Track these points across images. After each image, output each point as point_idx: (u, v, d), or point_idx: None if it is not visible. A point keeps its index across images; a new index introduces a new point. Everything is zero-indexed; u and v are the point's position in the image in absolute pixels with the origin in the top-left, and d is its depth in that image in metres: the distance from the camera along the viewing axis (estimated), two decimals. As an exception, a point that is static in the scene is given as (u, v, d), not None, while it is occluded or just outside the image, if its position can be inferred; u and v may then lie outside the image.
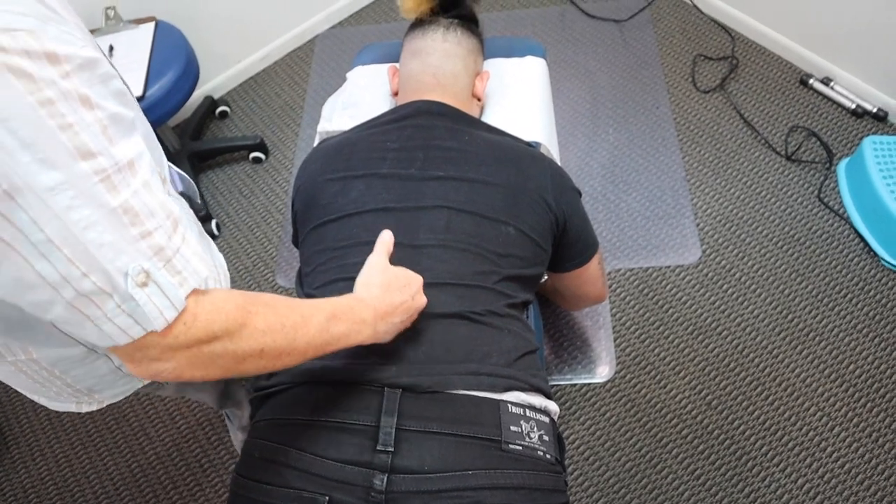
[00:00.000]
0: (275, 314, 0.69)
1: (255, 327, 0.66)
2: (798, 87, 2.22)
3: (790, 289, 1.82)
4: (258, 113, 2.42)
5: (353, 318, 0.79)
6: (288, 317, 0.70)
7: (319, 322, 0.74)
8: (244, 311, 0.65)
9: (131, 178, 0.56)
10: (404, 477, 0.84)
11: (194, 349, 0.62)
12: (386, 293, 0.86)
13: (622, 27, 2.45)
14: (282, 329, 0.69)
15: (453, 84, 1.25)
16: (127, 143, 0.57)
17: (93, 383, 0.88)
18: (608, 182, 2.07)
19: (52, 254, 0.52)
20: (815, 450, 1.59)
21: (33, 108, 0.48)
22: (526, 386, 0.95)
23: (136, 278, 0.56)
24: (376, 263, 0.91)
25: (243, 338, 0.65)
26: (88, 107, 0.52)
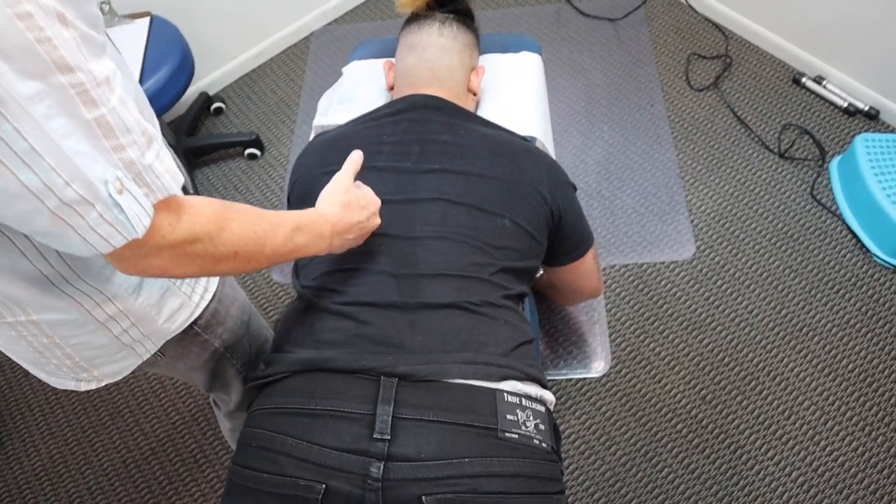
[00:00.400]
0: (248, 221, 0.75)
1: (232, 231, 0.72)
2: (791, 85, 2.23)
3: (783, 284, 1.83)
4: (253, 109, 2.42)
5: (314, 232, 0.85)
6: (259, 224, 0.76)
7: (285, 232, 0.80)
8: (221, 216, 0.71)
9: (109, 94, 0.58)
10: (401, 464, 0.84)
11: (178, 248, 0.67)
12: (345, 211, 0.91)
13: (617, 26, 2.46)
14: (254, 235, 0.75)
15: (449, 78, 1.26)
16: (102, 61, 0.59)
17: (92, 355, 0.88)
18: (603, 179, 2.08)
19: (35, 162, 0.54)
20: (809, 443, 1.60)
21: (11, 21, 0.50)
22: (522, 375, 0.96)
23: (115, 185, 0.59)
24: (341, 182, 0.95)
25: (221, 240, 0.71)
26: (64, 23, 0.54)
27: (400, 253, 1.02)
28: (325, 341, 0.96)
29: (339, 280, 1.02)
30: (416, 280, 0.99)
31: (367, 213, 0.96)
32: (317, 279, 1.05)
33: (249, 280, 2.00)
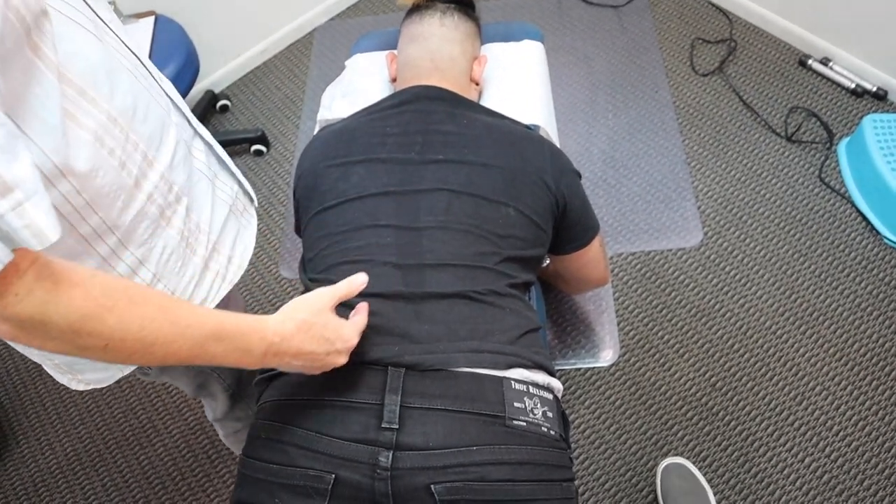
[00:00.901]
0: (136, 315, 0.64)
1: (104, 322, 0.61)
2: (797, 68, 2.21)
3: (793, 269, 1.82)
4: (259, 106, 2.42)
5: (236, 345, 0.73)
6: (153, 321, 0.65)
7: (195, 337, 0.68)
8: (94, 301, 0.61)
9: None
10: (409, 454, 0.84)
11: (25, 325, 0.58)
12: (300, 333, 0.79)
13: (620, 12, 2.45)
14: (138, 332, 0.64)
15: (451, 68, 1.25)
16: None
17: (71, 360, 0.87)
18: (608, 167, 2.07)
19: None
20: (822, 429, 1.59)
21: None
22: (529, 363, 0.95)
23: None
24: (318, 298, 0.83)
25: (86, 329, 0.61)
26: None
27: (405, 244, 1.02)
28: None
29: (345, 272, 1.02)
30: (421, 270, 0.99)
31: (330, 347, 0.82)
32: (323, 272, 1.05)
33: (257, 275, 2.01)
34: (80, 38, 0.70)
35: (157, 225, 0.82)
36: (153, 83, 0.86)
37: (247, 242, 1.04)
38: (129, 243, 0.80)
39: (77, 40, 0.70)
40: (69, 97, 0.68)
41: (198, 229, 0.90)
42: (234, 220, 1.01)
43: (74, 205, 0.71)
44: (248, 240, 1.05)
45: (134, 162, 0.78)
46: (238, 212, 1.03)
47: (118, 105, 0.75)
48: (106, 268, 0.78)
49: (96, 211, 0.74)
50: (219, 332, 0.71)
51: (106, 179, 0.74)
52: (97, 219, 0.75)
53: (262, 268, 2.03)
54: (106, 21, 0.80)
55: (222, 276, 0.96)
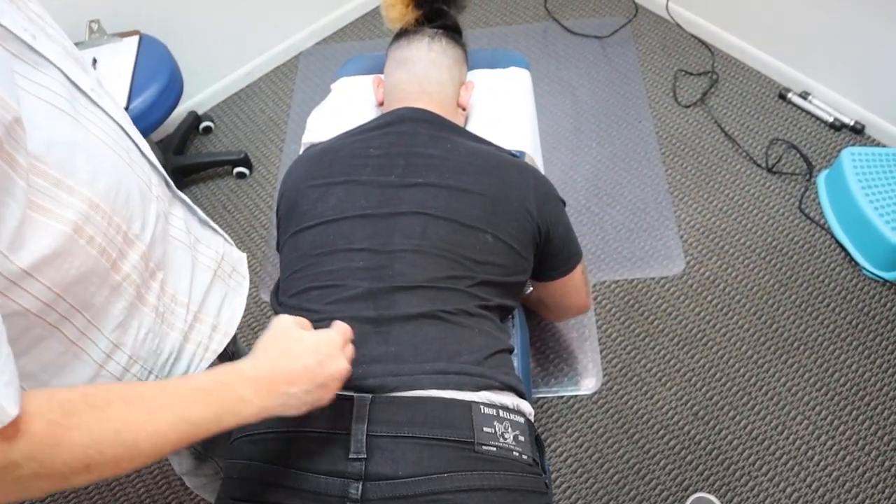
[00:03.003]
0: (105, 420, 0.58)
1: (75, 443, 0.56)
2: (777, 101, 2.25)
3: (774, 299, 1.83)
4: (242, 128, 2.41)
5: (222, 399, 0.67)
6: (125, 419, 0.59)
7: (177, 413, 0.62)
8: (58, 426, 0.55)
9: None
10: (379, 483, 0.83)
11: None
12: (281, 357, 0.74)
13: (604, 43, 2.48)
14: (115, 436, 0.58)
15: (439, 93, 1.26)
16: None
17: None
18: (592, 195, 2.08)
19: None
20: (802, 458, 1.59)
21: None
22: (497, 384, 0.94)
23: None
24: (275, 324, 0.78)
25: (59, 457, 0.55)
26: None
27: (377, 267, 1.01)
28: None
29: (315, 297, 1.01)
30: (392, 293, 0.98)
31: (319, 355, 0.76)
32: (294, 297, 1.04)
33: (238, 299, 1.98)
34: (56, 123, 0.65)
35: (132, 305, 0.76)
36: (133, 149, 0.80)
37: (235, 307, 0.97)
38: (103, 326, 0.73)
39: (54, 127, 0.65)
40: (42, 190, 0.62)
41: (174, 302, 0.84)
42: (220, 284, 0.94)
43: (44, 300, 0.65)
44: (238, 305, 0.98)
45: (114, 245, 0.72)
46: (224, 276, 0.96)
47: (100, 189, 0.69)
48: (76, 351, 0.71)
49: (65, 298, 0.68)
50: (199, 395, 0.65)
51: (81, 269, 0.68)
52: (66, 305, 0.68)
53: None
54: (86, 90, 0.74)
55: (205, 346, 0.90)
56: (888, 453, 1.58)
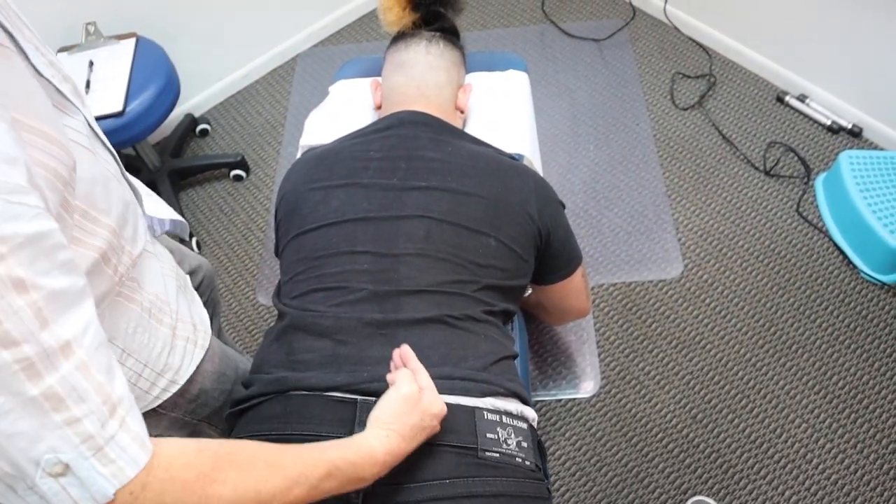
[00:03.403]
0: (250, 478, 0.62)
1: (221, 496, 0.59)
2: (775, 104, 2.25)
3: (772, 302, 1.83)
4: (239, 131, 2.40)
5: (350, 477, 0.72)
6: (266, 482, 0.63)
7: (309, 482, 0.67)
8: (207, 479, 0.59)
9: (62, 361, 0.52)
10: (381, 488, 0.82)
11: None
12: (404, 442, 0.78)
13: (601, 46, 2.48)
14: (255, 496, 0.62)
15: (437, 96, 1.25)
16: (68, 320, 0.53)
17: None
18: (590, 198, 2.08)
19: None
20: (801, 462, 1.59)
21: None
22: (502, 390, 0.94)
23: (49, 469, 0.51)
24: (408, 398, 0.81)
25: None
26: (22, 290, 0.49)
27: (382, 270, 1.01)
28: (302, 361, 0.94)
29: (320, 299, 1.01)
30: (397, 297, 0.98)
31: (427, 423, 0.81)
32: (297, 299, 1.04)
33: (234, 302, 1.98)
34: (84, 162, 0.68)
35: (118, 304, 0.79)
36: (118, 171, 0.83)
37: (201, 314, 1.00)
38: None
39: (83, 165, 0.67)
40: (77, 223, 0.65)
41: (158, 299, 0.87)
42: (182, 292, 0.97)
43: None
44: (202, 310, 1.01)
45: (122, 264, 0.77)
46: (182, 286, 0.99)
47: (115, 216, 0.74)
48: None
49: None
50: (331, 471, 0.69)
51: (101, 289, 0.73)
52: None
53: (240, 294, 1.99)
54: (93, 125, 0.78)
55: (193, 341, 0.93)
56: (886, 456, 1.58)
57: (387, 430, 0.77)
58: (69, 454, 0.51)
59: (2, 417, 0.49)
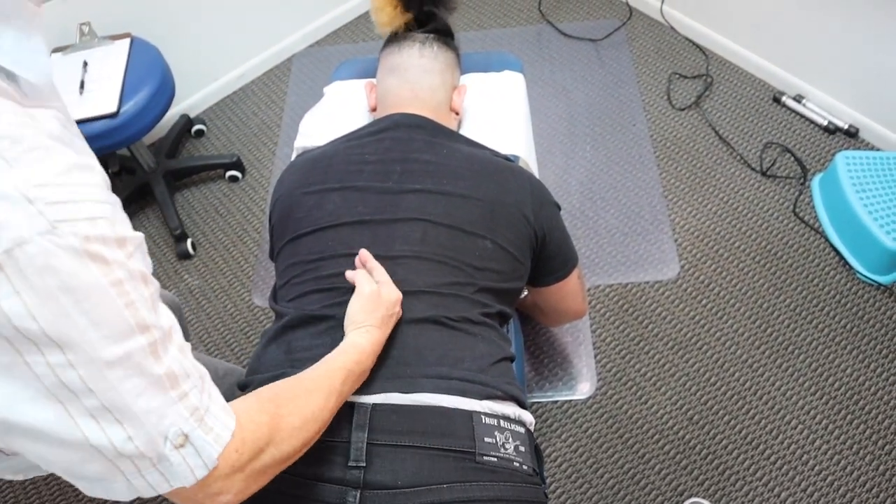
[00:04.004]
0: (302, 405, 0.74)
1: (292, 426, 0.71)
2: (771, 104, 2.25)
3: (768, 302, 1.83)
4: (235, 131, 2.40)
5: (359, 371, 0.85)
6: (313, 402, 0.75)
7: (337, 391, 0.79)
8: (277, 417, 0.69)
9: (170, 344, 0.59)
10: (378, 493, 0.82)
11: (248, 468, 0.65)
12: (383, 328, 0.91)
13: (598, 46, 2.48)
14: (312, 417, 0.74)
15: (431, 98, 1.25)
16: (164, 309, 0.61)
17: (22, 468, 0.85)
18: (586, 199, 2.07)
19: (103, 418, 0.54)
20: (798, 463, 1.59)
21: (105, 290, 0.52)
22: (499, 393, 0.94)
23: (175, 440, 0.58)
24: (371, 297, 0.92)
25: (284, 440, 0.69)
26: (145, 283, 0.56)
27: None
28: (300, 360, 0.94)
29: (316, 300, 1.01)
30: None
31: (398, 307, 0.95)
32: (293, 301, 1.03)
33: (229, 303, 1.97)
34: None
35: None
36: None
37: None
38: None
39: None
40: None
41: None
42: None
43: None
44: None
45: None
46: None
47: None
48: None
49: None
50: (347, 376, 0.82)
51: None
52: None
53: (235, 296, 1.99)
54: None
55: None
56: (882, 457, 1.58)
57: (365, 328, 0.88)
58: (185, 426, 0.58)
59: (139, 397, 0.55)
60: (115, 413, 0.54)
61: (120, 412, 0.54)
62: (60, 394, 0.52)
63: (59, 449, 0.54)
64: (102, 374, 0.53)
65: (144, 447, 0.56)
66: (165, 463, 0.57)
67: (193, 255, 2.09)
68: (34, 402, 0.51)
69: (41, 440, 0.53)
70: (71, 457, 0.55)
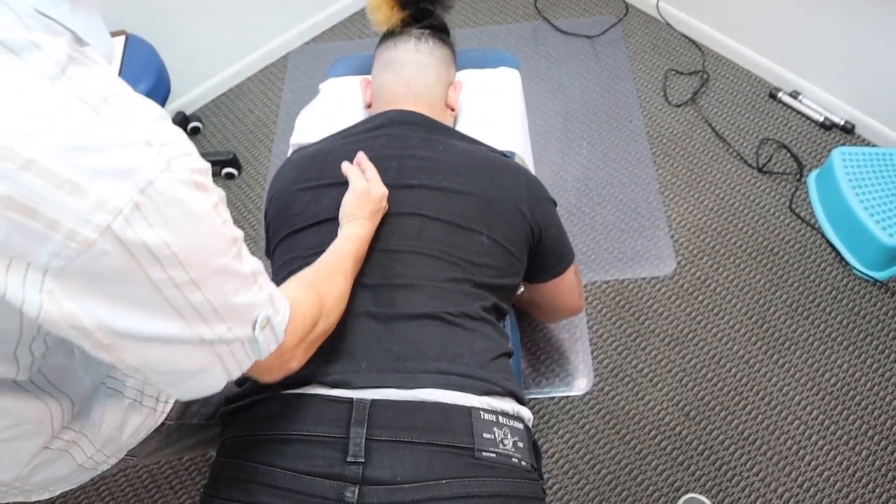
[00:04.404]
0: (334, 285, 0.88)
1: (333, 302, 0.85)
2: (767, 100, 2.25)
3: (764, 299, 1.83)
4: (231, 129, 2.39)
5: (358, 258, 0.97)
6: (340, 282, 0.90)
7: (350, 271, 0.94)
8: (321, 295, 0.83)
9: (244, 247, 0.68)
10: (376, 488, 0.82)
11: (307, 339, 0.78)
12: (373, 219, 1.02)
13: (594, 42, 2.47)
14: (340, 295, 0.89)
15: (427, 94, 1.25)
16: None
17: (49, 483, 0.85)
18: (583, 195, 2.07)
19: (210, 317, 0.62)
20: (794, 458, 1.59)
21: (210, 213, 0.59)
22: (498, 389, 0.94)
23: (261, 324, 0.68)
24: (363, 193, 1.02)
25: (329, 314, 0.84)
26: (224, 203, 0.64)
27: (376, 265, 1.01)
28: None
29: None
30: (392, 290, 0.98)
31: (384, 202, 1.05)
32: None
33: (226, 301, 1.96)
34: None
35: None
36: None
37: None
38: None
39: None
40: None
41: None
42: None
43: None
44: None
45: None
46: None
47: None
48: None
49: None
50: (356, 257, 0.96)
51: None
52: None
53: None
54: None
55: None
56: (878, 453, 1.58)
57: (358, 220, 0.99)
58: (267, 311, 0.68)
59: (237, 295, 0.64)
60: (221, 312, 0.62)
61: (224, 310, 0.63)
62: (184, 309, 0.60)
63: (174, 348, 0.62)
64: (212, 282, 0.61)
65: (241, 333, 0.66)
66: (253, 343, 0.67)
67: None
68: (160, 317, 0.59)
69: (161, 345, 0.61)
70: (181, 354, 0.63)
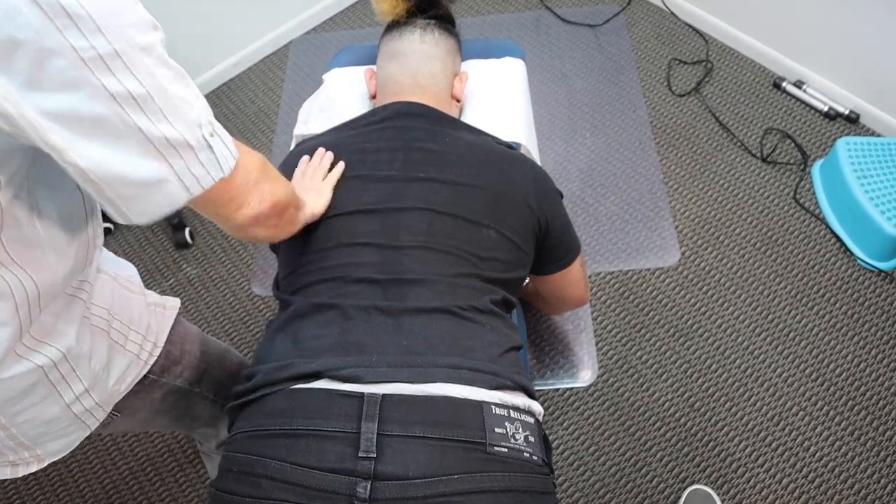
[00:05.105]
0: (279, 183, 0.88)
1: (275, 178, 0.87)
2: (771, 90, 2.24)
3: (769, 289, 1.82)
4: (232, 119, 2.38)
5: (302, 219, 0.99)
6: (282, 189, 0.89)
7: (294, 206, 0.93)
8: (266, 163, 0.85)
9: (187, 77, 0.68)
10: (388, 483, 0.81)
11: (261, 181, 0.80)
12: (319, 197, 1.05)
13: (597, 32, 2.46)
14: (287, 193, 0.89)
15: (432, 85, 1.23)
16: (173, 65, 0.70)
17: (39, 432, 0.85)
18: (586, 186, 2.07)
19: (148, 106, 0.62)
20: (798, 449, 1.59)
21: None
22: (510, 383, 0.93)
23: (206, 130, 0.67)
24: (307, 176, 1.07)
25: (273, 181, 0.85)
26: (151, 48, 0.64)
27: (385, 261, 1.00)
28: (308, 349, 0.93)
29: (324, 290, 1.00)
30: (402, 285, 0.97)
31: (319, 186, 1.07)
32: (300, 290, 1.03)
33: (228, 293, 1.96)
34: None
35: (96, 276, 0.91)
36: None
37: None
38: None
39: None
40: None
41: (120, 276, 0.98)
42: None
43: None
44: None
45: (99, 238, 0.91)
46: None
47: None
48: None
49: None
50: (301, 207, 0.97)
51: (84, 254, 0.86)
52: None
53: (234, 285, 1.98)
54: None
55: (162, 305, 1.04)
56: (883, 443, 1.59)
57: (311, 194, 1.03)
58: (210, 117, 0.68)
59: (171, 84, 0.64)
60: (158, 100, 0.62)
61: (161, 99, 0.62)
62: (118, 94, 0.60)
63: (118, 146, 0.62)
64: (141, 62, 0.61)
65: (187, 133, 0.65)
66: (207, 152, 0.67)
67: (192, 244, 2.08)
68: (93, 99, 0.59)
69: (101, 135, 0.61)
70: (129, 156, 0.63)
